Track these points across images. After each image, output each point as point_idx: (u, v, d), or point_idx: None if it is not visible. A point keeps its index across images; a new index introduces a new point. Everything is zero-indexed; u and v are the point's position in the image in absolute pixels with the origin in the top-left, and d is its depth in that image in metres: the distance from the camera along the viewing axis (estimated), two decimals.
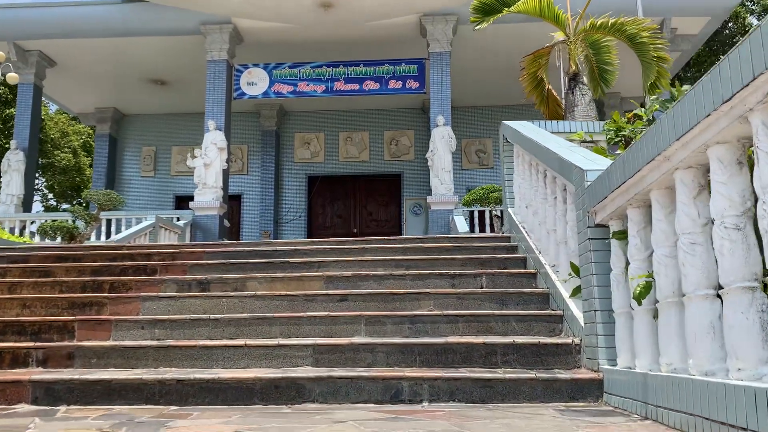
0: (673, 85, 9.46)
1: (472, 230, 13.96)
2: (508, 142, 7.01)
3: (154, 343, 4.45)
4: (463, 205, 12.18)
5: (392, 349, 4.25)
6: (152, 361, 4.35)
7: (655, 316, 3.25)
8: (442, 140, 15.51)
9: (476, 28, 9.34)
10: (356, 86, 16.45)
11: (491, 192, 11.69)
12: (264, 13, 15.72)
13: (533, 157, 5.74)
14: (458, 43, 16.20)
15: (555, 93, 9.28)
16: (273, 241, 6.80)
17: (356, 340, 4.35)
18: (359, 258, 6.16)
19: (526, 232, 6.10)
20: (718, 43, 22.23)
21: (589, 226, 3.96)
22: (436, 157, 15.46)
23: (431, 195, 15.39)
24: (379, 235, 19.59)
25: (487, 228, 14.97)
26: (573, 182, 4.28)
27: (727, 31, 23.68)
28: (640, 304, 3.22)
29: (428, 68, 16.19)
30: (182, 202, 19.37)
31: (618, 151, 4.95)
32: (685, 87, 4.46)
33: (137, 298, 5.30)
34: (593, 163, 4.11)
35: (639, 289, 3.14)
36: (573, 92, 8.31)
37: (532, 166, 5.91)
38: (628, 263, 3.61)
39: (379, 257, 6.24)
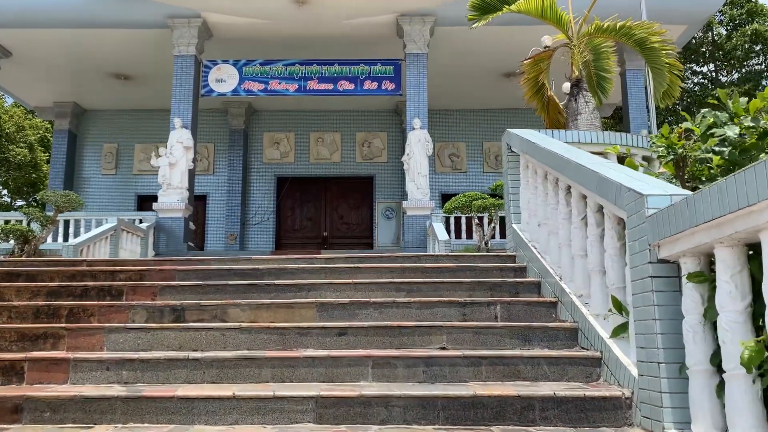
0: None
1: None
2: (512, 152, 6.32)
3: (123, 392, 3.63)
4: (444, 212, 11.51)
5: (410, 402, 3.51)
6: (120, 416, 3.52)
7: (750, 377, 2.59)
8: (419, 144, 14.83)
9: (473, 26, 8.68)
10: (330, 86, 15.65)
11: (474, 200, 11.02)
12: (235, 7, 14.81)
13: (551, 171, 5.06)
14: (433, 44, 15.53)
15: (557, 99, 8.62)
16: (253, 257, 6.00)
17: (367, 390, 3.59)
18: (353, 280, 5.40)
19: (539, 253, 5.42)
20: (690, 52, 22.01)
21: (650, 262, 3.28)
22: (412, 161, 14.77)
23: (407, 200, 14.69)
24: (350, 239, 18.89)
25: (464, 235, 14.36)
26: (623, 207, 3.60)
27: (695, 40, 23.52)
28: (750, 371, 2.54)
29: (404, 70, 15.49)
30: (145, 202, 18.31)
31: (661, 169, 4.30)
32: (742, 99, 3.81)
33: (101, 330, 4.45)
34: (653, 186, 3.43)
35: (749, 353, 2.46)
36: (576, 99, 7.68)
37: (549, 180, 5.23)
38: (708, 310, 2.95)
39: (376, 279, 5.49)
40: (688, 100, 23.73)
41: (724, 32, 22.24)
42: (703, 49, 22.53)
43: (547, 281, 5.12)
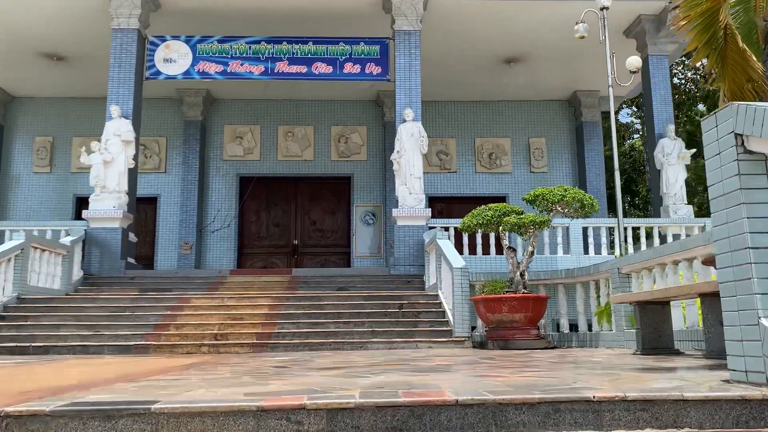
0: None
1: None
2: (750, 152, 2.64)
3: None
4: (462, 229, 7.95)
5: None
6: None
7: None
8: (411, 139, 11.16)
9: None
10: (303, 68, 11.81)
11: (504, 215, 7.43)
12: None
13: None
14: (424, 24, 11.85)
15: (749, 51, 4.80)
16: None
17: None
18: None
19: None
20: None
21: None
22: (403, 160, 11.10)
23: (397, 207, 11.06)
24: (324, 247, 15.07)
25: (466, 249, 10.74)
26: None
27: None
28: None
29: (393, 50, 11.79)
30: (86, 204, 14.18)
31: None
32: None
33: None
34: None
35: None
36: None
37: None
38: None
39: None
40: (678, 97, 20.67)
41: None
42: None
43: None
